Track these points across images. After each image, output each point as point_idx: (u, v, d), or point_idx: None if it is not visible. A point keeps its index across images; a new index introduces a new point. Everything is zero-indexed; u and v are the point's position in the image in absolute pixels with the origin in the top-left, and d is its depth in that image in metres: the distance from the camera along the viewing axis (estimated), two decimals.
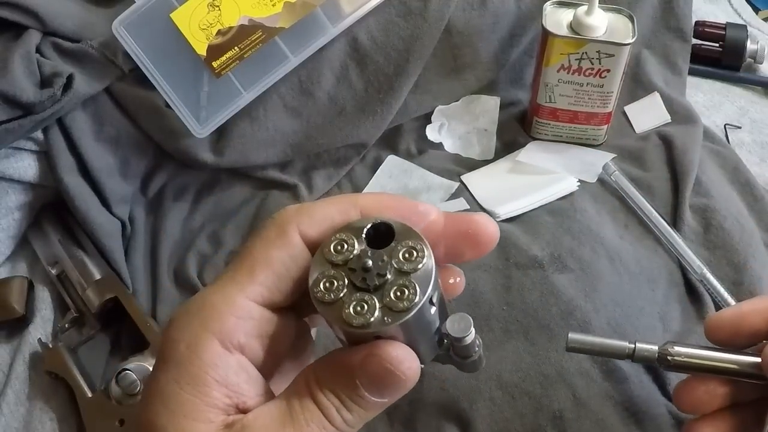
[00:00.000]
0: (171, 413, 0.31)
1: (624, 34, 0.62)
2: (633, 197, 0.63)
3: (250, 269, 0.32)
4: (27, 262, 0.65)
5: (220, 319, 0.31)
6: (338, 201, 0.34)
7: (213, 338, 0.31)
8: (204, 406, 0.31)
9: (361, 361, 0.31)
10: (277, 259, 0.32)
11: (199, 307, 0.32)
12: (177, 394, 0.31)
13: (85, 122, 0.63)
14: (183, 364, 0.31)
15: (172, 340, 0.32)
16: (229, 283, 0.32)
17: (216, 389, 0.31)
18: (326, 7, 0.63)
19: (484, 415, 0.51)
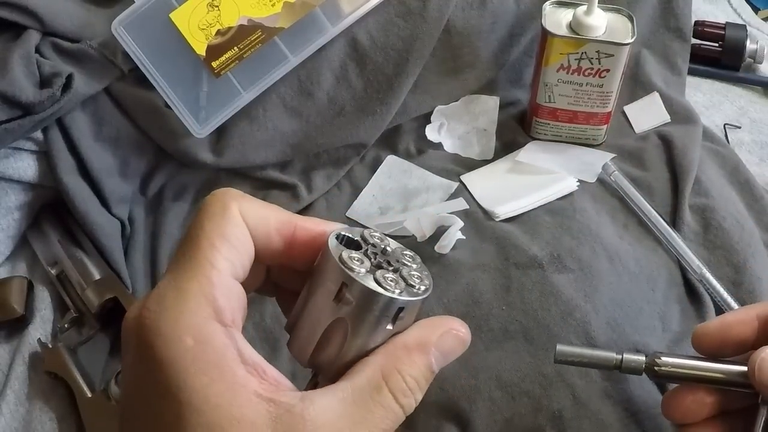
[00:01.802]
0: (215, 410, 0.29)
1: (623, 34, 0.62)
2: (632, 197, 0.63)
3: (212, 246, 0.32)
4: (27, 262, 0.65)
5: (211, 302, 0.31)
6: (278, 210, 0.34)
7: (214, 322, 0.30)
8: (244, 392, 0.30)
9: (438, 337, 0.33)
10: (232, 234, 0.32)
11: (180, 298, 0.31)
12: (210, 392, 0.29)
13: (84, 122, 0.63)
14: (199, 360, 0.30)
15: (167, 339, 0.30)
16: (199, 262, 0.32)
17: (242, 370, 0.30)
18: (326, 7, 0.63)
19: (483, 415, 0.51)
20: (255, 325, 0.55)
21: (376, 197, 0.66)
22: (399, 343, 0.33)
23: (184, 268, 0.32)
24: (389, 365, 0.32)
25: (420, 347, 0.32)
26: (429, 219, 0.58)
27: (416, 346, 0.32)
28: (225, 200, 0.33)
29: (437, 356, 0.33)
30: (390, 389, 0.31)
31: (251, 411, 0.29)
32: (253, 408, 0.29)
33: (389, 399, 0.31)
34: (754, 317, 0.44)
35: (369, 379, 0.31)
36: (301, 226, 0.34)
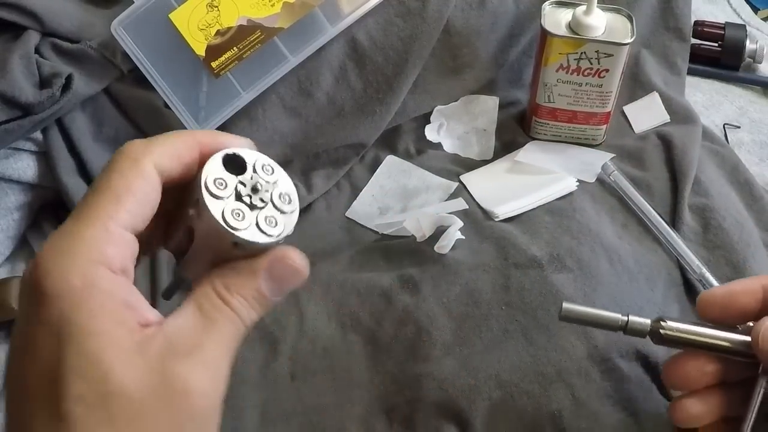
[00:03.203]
0: (91, 338, 0.31)
1: (623, 34, 0.62)
2: (632, 197, 0.63)
3: (116, 198, 0.33)
4: (26, 263, 0.65)
5: (102, 249, 0.32)
6: (181, 137, 0.36)
7: (103, 267, 0.32)
8: (122, 331, 0.32)
9: (267, 265, 0.35)
10: (139, 188, 0.34)
11: (74, 242, 0.32)
12: (90, 324, 0.31)
13: (84, 122, 0.63)
14: (85, 299, 0.31)
15: (56, 278, 0.32)
16: (98, 213, 0.33)
17: (126, 312, 0.32)
18: (325, 8, 0.63)
19: (483, 414, 0.51)
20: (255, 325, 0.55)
21: (375, 197, 0.66)
22: (232, 265, 0.35)
23: (84, 216, 0.33)
24: (221, 282, 0.35)
25: (248, 270, 0.35)
26: (428, 219, 0.59)
27: (245, 269, 0.35)
28: (135, 156, 0.34)
29: (267, 280, 0.35)
30: (225, 302, 0.34)
31: (123, 339, 0.31)
32: (125, 336, 0.32)
33: (226, 309, 0.34)
34: (759, 287, 0.45)
35: (206, 294, 0.34)
36: (205, 143, 0.36)
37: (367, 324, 0.55)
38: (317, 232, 0.64)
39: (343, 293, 0.57)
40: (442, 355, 0.53)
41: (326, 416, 0.52)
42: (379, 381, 0.53)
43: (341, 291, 0.57)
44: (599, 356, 0.53)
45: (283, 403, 0.52)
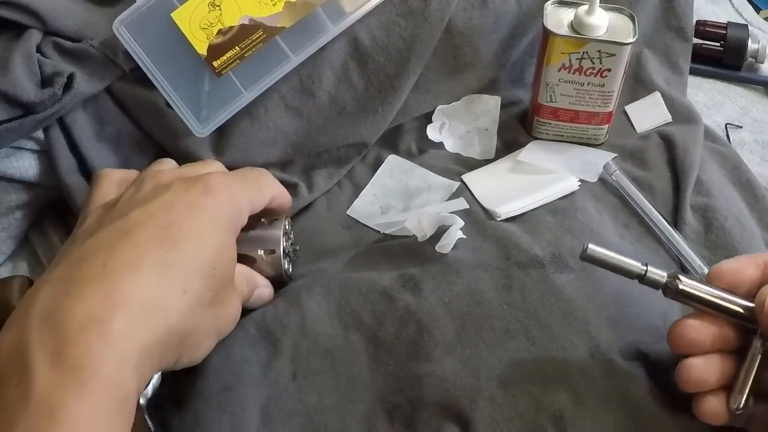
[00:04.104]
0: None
1: (625, 34, 0.62)
2: (634, 197, 0.63)
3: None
4: (28, 262, 0.65)
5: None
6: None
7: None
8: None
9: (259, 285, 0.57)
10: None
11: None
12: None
13: (85, 122, 0.63)
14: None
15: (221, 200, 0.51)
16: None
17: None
18: (327, 7, 0.63)
19: (484, 414, 0.51)
20: (257, 325, 0.55)
21: (377, 196, 0.66)
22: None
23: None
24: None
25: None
26: (430, 219, 0.58)
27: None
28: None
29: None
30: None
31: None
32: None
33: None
34: (762, 262, 0.48)
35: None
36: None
37: (368, 323, 0.55)
38: (318, 230, 0.64)
39: (345, 292, 0.57)
40: (443, 355, 0.53)
41: (327, 416, 0.52)
42: (380, 380, 0.53)
43: (342, 290, 0.57)
44: (601, 356, 0.53)
45: (285, 403, 0.52)
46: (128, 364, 0.41)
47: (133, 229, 0.46)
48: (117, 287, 0.42)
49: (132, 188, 0.51)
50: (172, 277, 0.45)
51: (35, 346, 0.40)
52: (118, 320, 0.41)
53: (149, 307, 0.43)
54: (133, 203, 0.49)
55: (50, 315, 0.41)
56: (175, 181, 0.50)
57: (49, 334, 0.40)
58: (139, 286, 0.43)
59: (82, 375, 0.39)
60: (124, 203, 0.50)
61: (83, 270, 0.43)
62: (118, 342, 0.41)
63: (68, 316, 0.40)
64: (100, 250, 0.45)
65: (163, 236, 0.46)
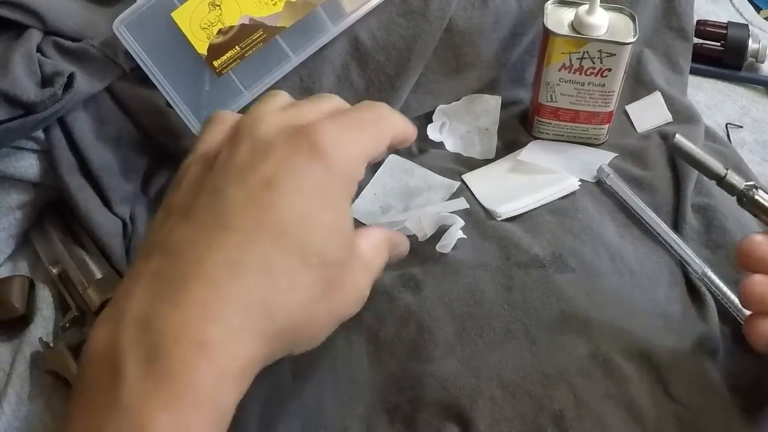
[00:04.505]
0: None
1: (625, 34, 0.62)
2: (628, 200, 0.63)
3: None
4: (28, 262, 0.65)
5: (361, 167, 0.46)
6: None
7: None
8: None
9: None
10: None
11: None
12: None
13: (86, 121, 0.63)
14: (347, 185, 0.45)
15: (339, 156, 0.43)
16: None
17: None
18: (327, 6, 0.63)
19: (484, 414, 0.51)
20: None
21: (377, 196, 0.66)
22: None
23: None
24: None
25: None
26: (430, 218, 0.58)
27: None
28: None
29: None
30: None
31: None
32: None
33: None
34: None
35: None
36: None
37: (368, 323, 0.55)
38: None
39: None
40: (443, 355, 0.53)
41: (327, 415, 0.52)
42: (380, 380, 0.53)
43: None
44: (601, 356, 0.53)
45: (285, 403, 0.52)
46: (228, 377, 0.38)
47: (231, 214, 0.40)
48: (216, 292, 0.38)
49: (228, 145, 0.44)
50: (277, 276, 0.40)
51: (129, 352, 0.37)
52: (218, 330, 0.37)
53: (253, 313, 0.39)
54: (230, 171, 0.42)
55: (145, 319, 0.38)
56: (277, 137, 0.43)
57: (143, 341, 0.37)
58: (241, 290, 0.39)
59: (175, 388, 0.36)
60: (220, 168, 0.43)
61: (179, 267, 0.39)
62: (217, 354, 0.37)
63: (164, 323, 0.37)
64: (196, 243, 0.40)
65: (264, 224, 0.40)
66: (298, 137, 0.42)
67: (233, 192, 0.41)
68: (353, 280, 0.45)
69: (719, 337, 0.56)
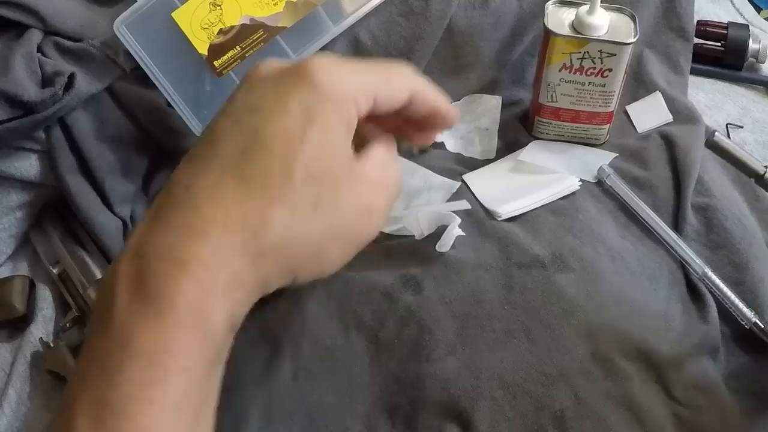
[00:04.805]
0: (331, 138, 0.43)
1: (626, 34, 0.62)
2: (629, 200, 0.63)
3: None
4: (28, 262, 0.65)
5: (359, 99, 0.44)
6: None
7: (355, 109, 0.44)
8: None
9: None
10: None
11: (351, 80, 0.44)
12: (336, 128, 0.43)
13: (86, 121, 0.63)
14: (347, 110, 0.43)
15: (339, 88, 0.43)
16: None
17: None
18: (328, 7, 0.63)
19: (485, 414, 0.51)
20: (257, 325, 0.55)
21: None
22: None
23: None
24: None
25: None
26: (426, 216, 0.58)
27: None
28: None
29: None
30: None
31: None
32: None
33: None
34: None
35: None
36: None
37: (369, 323, 0.55)
38: None
39: (345, 292, 0.56)
40: (444, 355, 0.53)
41: (328, 416, 0.52)
42: (381, 380, 0.53)
43: (343, 290, 0.57)
44: (601, 356, 0.53)
45: (285, 403, 0.52)
46: (210, 294, 0.38)
47: (218, 143, 0.42)
48: (197, 212, 0.39)
49: (236, 88, 0.45)
50: (255, 192, 0.40)
51: (120, 279, 0.38)
52: (197, 248, 0.38)
53: (232, 228, 0.39)
54: (224, 107, 0.44)
55: (138, 247, 0.39)
56: (271, 71, 0.44)
57: (133, 266, 0.38)
58: (219, 207, 0.39)
59: (158, 305, 0.37)
60: (221, 108, 0.44)
61: (171, 196, 0.41)
62: (197, 271, 0.38)
63: (150, 247, 0.39)
64: (186, 171, 0.41)
65: (247, 146, 0.41)
66: (288, 69, 0.43)
67: (221, 122, 0.43)
68: (355, 196, 0.44)
69: (719, 337, 0.56)
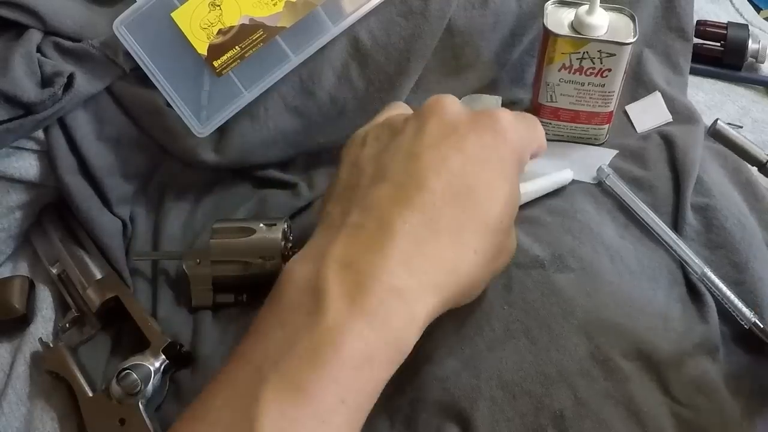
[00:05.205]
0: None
1: (625, 34, 0.62)
2: (628, 200, 0.62)
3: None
4: (28, 262, 0.65)
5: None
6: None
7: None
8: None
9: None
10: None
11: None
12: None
13: (86, 122, 0.63)
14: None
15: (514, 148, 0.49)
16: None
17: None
18: (327, 7, 0.63)
19: (484, 414, 0.51)
20: None
21: None
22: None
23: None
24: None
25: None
26: None
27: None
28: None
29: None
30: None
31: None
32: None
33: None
34: None
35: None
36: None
37: None
38: None
39: None
40: (444, 355, 0.53)
41: None
42: None
43: None
44: (601, 356, 0.53)
45: None
46: (416, 323, 0.42)
47: (427, 177, 0.45)
48: (416, 247, 0.43)
49: (415, 120, 0.48)
50: (466, 238, 0.44)
51: (333, 285, 0.41)
52: (414, 281, 0.42)
53: (443, 271, 0.44)
54: (424, 140, 0.46)
55: (350, 262, 0.42)
56: (461, 117, 0.48)
57: (348, 279, 0.41)
58: (438, 247, 0.43)
59: (372, 322, 0.40)
60: (413, 136, 0.47)
61: (381, 220, 0.43)
62: (411, 302, 0.42)
63: (369, 267, 0.42)
64: (395, 200, 0.44)
65: (457, 190, 0.45)
66: (482, 118, 0.47)
67: (429, 156, 0.45)
68: (511, 243, 0.51)
69: (719, 337, 0.56)
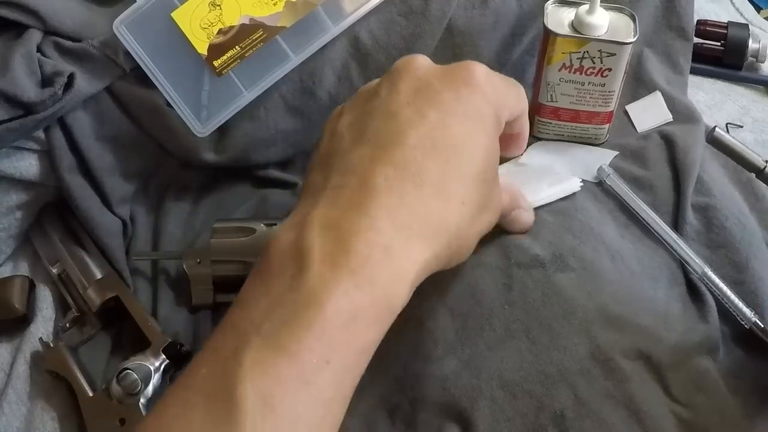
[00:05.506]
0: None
1: (625, 33, 0.62)
2: (629, 200, 0.62)
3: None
4: (28, 262, 0.65)
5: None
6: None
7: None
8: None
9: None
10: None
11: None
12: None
13: (86, 121, 0.63)
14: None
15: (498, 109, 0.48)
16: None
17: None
18: (327, 6, 0.63)
19: (485, 414, 0.51)
20: None
21: None
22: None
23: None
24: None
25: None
26: None
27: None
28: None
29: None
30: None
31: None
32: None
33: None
34: None
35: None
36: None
37: None
38: None
39: None
40: (444, 355, 0.53)
41: None
42: (381, 380, 0.53)
43: None
44: (602, 356, 0.53)
45: None
46: (404, 280, 0.41)
47: (406, 133, 0.44)
48: (401, 202, 0.42)
49: (388, 81, 0.47)
50: (452, 190, 0.44)
51: (316, 247, 0.40)
52: (400, 236, 0.41)
53: (430, 224, 0.43)
54: (399, 98, 0.46)
55: (333, 222, 0.41)
56: (433, 71, 0.47)
57: (331, 239, 0.40)
58: (422, 201, 0.43)
59: (357, 280, 0.39)
60: (386, 97, 0.46)
61: (363, 180, 0.43)
62: (398, 258, 0.41)
63: (352, 226, 0.41)
64: (376, 159, 0.43)
65: (437, 143, 0.44)
66: (456, 70, 0.47)
67: (405, 113, 0.45)
68: (499, 199, 0.50)
69: (719, 337, 0.56)
